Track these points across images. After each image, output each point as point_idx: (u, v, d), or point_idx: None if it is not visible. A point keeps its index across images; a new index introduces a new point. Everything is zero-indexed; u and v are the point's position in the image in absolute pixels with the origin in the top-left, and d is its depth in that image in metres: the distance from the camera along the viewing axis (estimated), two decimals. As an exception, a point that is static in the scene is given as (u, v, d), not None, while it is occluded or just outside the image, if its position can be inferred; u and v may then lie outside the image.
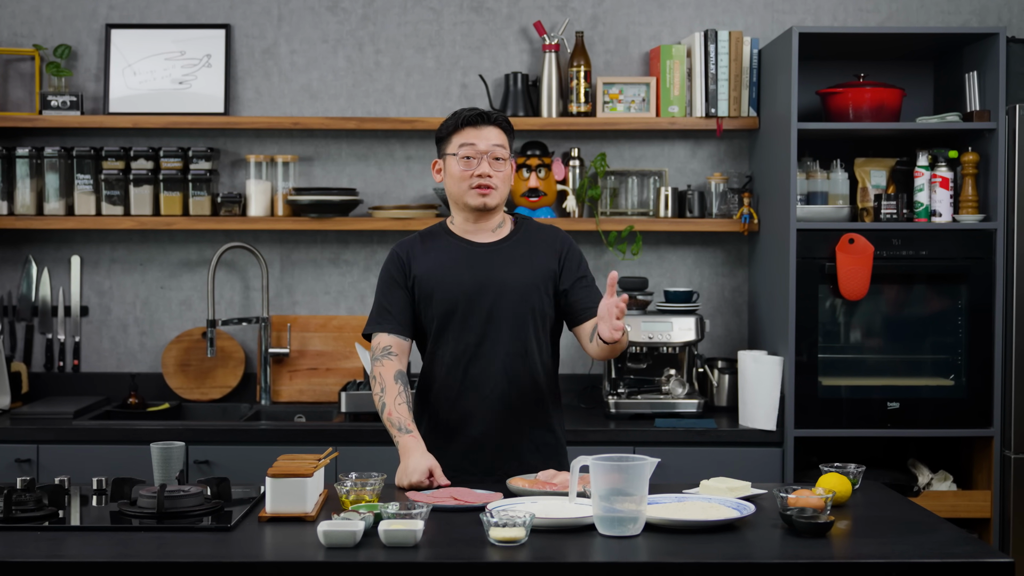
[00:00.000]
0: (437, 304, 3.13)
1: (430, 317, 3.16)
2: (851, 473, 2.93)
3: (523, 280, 3.14)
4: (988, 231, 4.05)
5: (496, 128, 3.14)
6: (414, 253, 3.20)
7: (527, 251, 3.18)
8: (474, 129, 3.12)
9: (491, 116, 3.15)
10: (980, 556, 2.43)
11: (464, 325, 3.12)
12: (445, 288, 3.12)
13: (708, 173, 4.58)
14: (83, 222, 4.43)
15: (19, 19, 4.55)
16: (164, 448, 2.92)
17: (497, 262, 3.15)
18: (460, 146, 3.11)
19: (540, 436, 3.20)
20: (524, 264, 3.16)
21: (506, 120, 3.18)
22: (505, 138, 3.16)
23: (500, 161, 3.12)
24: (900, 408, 4.06)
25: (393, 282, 3.19)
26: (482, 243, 3.18)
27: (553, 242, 3.21)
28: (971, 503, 4.07)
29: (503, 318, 3.12)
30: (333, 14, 4.57)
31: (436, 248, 3.19)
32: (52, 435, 3.97)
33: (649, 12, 4.58)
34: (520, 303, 3.13)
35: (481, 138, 3.11)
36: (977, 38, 4.13)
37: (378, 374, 3.12)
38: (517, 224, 3.25)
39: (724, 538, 2.52)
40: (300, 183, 4.55)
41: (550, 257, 3.18)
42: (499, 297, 3.11)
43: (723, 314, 4.62)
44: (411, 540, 2.43)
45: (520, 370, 3.14)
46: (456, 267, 3.14)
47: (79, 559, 2.40)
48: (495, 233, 3.20)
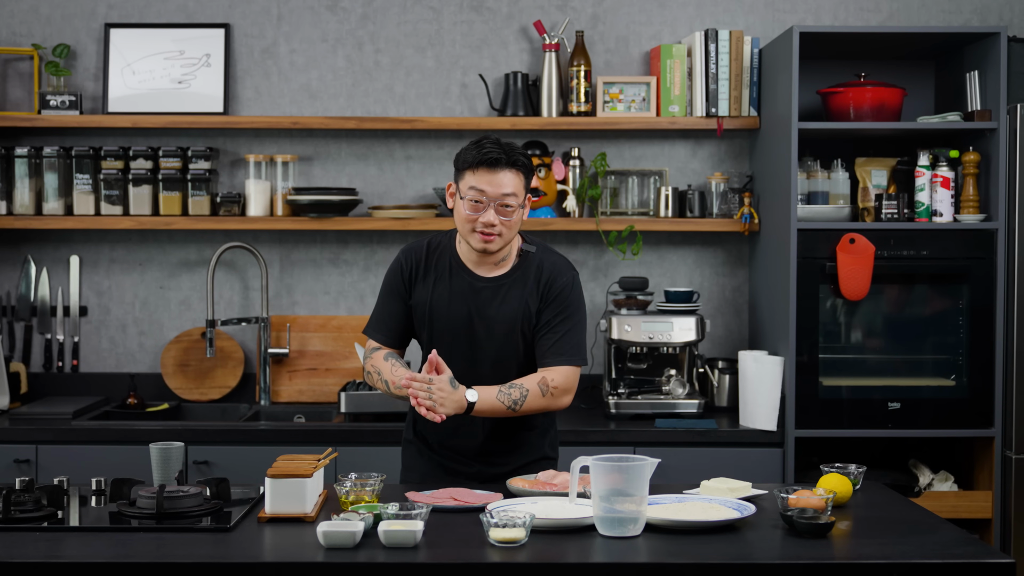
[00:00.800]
0: (430, 333, 3.15)
1: (425, 340, 3.18)
2: (852, 474, 2.93)
3: (509, 322, 3.11)
4: (989, 231, 4.04)
5: (512, 172, 3.00)
6: (418, 272, 3.16)
7: (520, 290, 3.13)
8: (489, 173, 2.99)
9: (511, 158, 3.00)
10: (981, 557, 2.43)
11: (455, 356, 3.10)
12: (441, 320, 3.13)
13: (708, 173, 4.57)
14: (82, 222, 4.42)
15: (18, 18, 4.54)
16: (163, 448, 2.91)
17: (493, 300, 3.12)
18: (470, 188, 3.00)
19: (533, 460, 3.22)
20: (513, 305, 3.11)
21: (525, 162, 3.04)
22: (520, 183, 3.02)
23: (509, 208, 3.01)
24: (901, 408, 4.05)
25: (395, 293, 3.19)
26: (483, 277, 3.14)
27: (546, 280, 3.12)
28: (972, 504, 4.06)
29: (488, 355, 3.13)
30: (333, 13, 4.57)
31: (439, 275, 3.15)
32: (51, 435, 3.96)
33: (649, 11, 4.58)
34: (504, 343, 3.12)
35: (493, 184, 2.99)
36: (978, 37, 4.12)
37: (370, 366, 3.17)
38: (523, 258, 3.16)
39: (725, 539, 2.52)
40: (299, 183, 4.54)
41: (535, 296, 3.11)
42: (487, 335, 3.12)
43: (724, 314, 4.61)
44: (411, 541, 2.43)
45: None
46: (454, 301, 3.12)
47: (78, 560, 2.40)
48: (498, 267, 3.14)
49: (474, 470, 3.18)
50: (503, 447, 3.19)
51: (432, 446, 3.23)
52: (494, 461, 3.18)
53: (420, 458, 3.25)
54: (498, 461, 3.18)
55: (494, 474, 3.14)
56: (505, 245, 3.07)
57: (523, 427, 3.20)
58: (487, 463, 3.18)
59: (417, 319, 3.17)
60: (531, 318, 3.11)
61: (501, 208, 3.00)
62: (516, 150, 3.03)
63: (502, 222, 3.01)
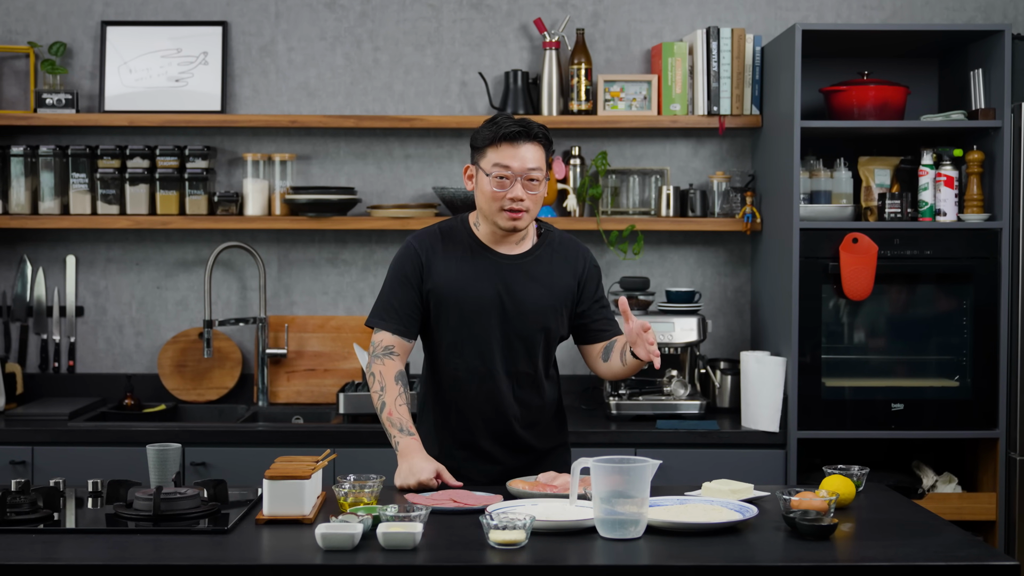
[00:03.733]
0: (454, 316, 3.08)
1: (444, 326, 3.11)
2: (855, 475, 2.92)
3: (542, 301, 3.10)
4: (993, 230, 4.03)
5: (534, 145, 3.01)
6: (434, 255, 3.11)
7: (548, 269, 3.13)
8: (511, 147, 2.99)
9: (531, 132, 3.01)
10: (985, 559, 2.42)
11: (480, 340, 3.08)
12: (464, 301, 3.07)
13: (710, 172, 4.55)
14: (78, 221, 4.40)
15: (14, 16, 4.52)
16: (160, 450, 2.90)
17: (519, 278, 3.09)
18: (494, 165, 2.99)
19: (550, 448, 3.21)
20: (545, 283, 3.11)
21: (545, 134, 3.05)
22: (543, 156, 3.03)
23: (534, 182, 3.01)
24: (904, 409, 4.03)
25: (406, 280, 3.11)
26: (506, 255, 3.11)
27: (575, 260, 3.16)
28: (976, 505, 4.05)
29: (518, 336, 3.10)
30: (331, 11, 4.54)
31: (457, 255, 3.11)
32: (47, 437, 3.95)
33: (651, 9, 4.56)
34: (536, 323, 3.10)
35: (517, 158, 2.99)
36: (982, 35, 4.10)
37: (378, 372, 3.08)
38: (541, 236, 3.17)
39: (726, 541, 2.51)
40: (298, 182, 4.52)
41: (570, 277, 3.14)
42: (517, 315, 3.08)
43: (725, 314, 4.59)
44: (410, 543, 2.42)
45: (529, 387, 3.14)
46: (478, 280, 3.08)
47: (74, 562, 2.40)
48: (519, 245, 3.13)
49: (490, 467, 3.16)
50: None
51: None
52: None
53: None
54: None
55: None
56: (531, 221, 3.08)
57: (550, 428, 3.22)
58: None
59: (436, 305, 3.09)
60: (569, 296, 3.13)
61: (527, 183, 3.00)
62: (534, 124, 3.04)
63: (529, 196, 3.01)
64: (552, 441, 3.23)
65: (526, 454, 3.17)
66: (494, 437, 3.15)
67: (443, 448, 3.15)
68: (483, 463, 3.15)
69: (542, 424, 3.20)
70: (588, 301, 3.16)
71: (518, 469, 3.12)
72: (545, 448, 3.21)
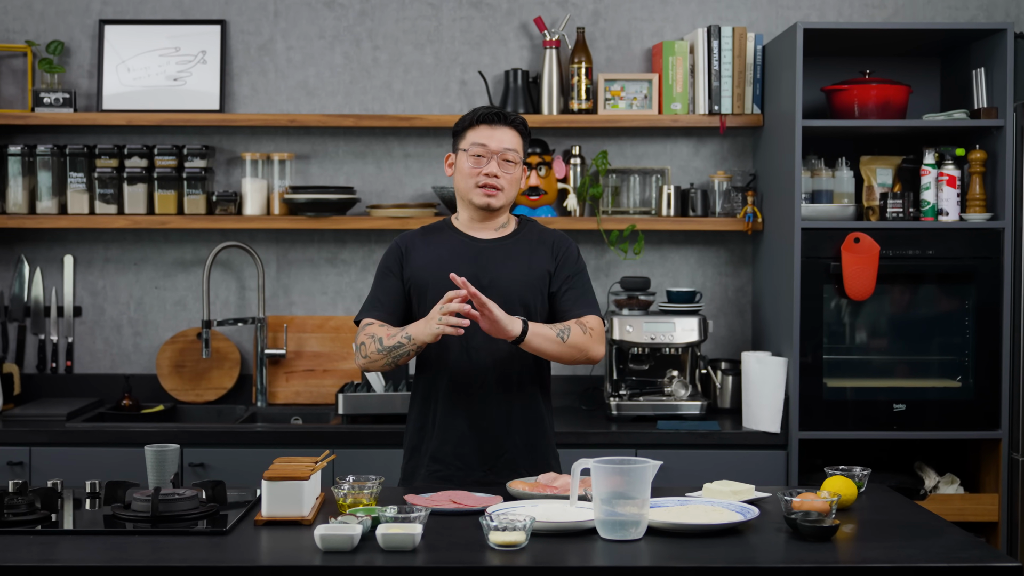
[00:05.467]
0: (432, 296, 3.11)
1: (425, 309, 3.13)
2: (856, 476, 2.92)
3: (518, 278, 3.17)
4: (996, 230, 4.01)
5: (511, 130, 3.18)
6: (414, 245, 3.24)
7: (526, 249, 3.22)
8: (488, 128, 3.16)
9: (508, 117, 3.18)
10: (988, 560, 2.42)
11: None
12: (441, 280, 3.09)
13: (711, 171, 4.54)
14: (76, 221, 4.39)
15: (11, 15, 4.51)
16: (158, 451, 2.89)
17: (496, 258, 3.18)
18: (472, 143, 3.15)
19: (529, 432, 3.19)
20: (521, 262, 3.19)
21: (523, 123, 3.21)
22: (519, 141, 3.19)
23: (510, 163, 3.15)
24: (906, 410, 4.03)
25: (388, 272, 3.23)
26: (484, 239, 3.21)
27: (552, 243, 3.25)
28: (978, 506, 4.04)
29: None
30: (330, 9, 4.53)
31: (437, 242, 3.23)
32: (45, 437, 3.94)
33: (651, 8, 4.55)
34: (513, 300, 3.12)
35: (494, 138, 3.14)
36: (984, 34, 4.09)
37: (362, 344, 3.12)
38: (521, 224, 3.29)
39: (727, 542, 2.51)
40: (296, 181, 4.51)
41: (547, 257, 3.22)
42: (492, 292, 3.08)
43: (726, 314, 4.58)
44: (409, 544, 2.42)
45: (510, 365, 3.15)
46: (453, 260, 3.15)
47: (72, 563, 2.40)
48: (498, 231, 3.24)
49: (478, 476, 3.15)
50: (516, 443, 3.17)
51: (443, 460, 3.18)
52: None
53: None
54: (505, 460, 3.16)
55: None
56: (507, 204, 3.19)
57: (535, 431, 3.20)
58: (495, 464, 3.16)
59: (416, 289, 3.18)
60: (546, 277, 3.19)
61: (503, 163, 3.14)
62: (513, 113, 3.21)
63: (504, 176, 3.13)
64: (529, 419, 3.20)
65: (504, 427, 3.17)
66: (473, 412, 3.15)
67: (432, 425, 3.18)
68: (469, 431, 3.15)
69: (521, 396, 3.17)
70: (559, 281, 3.20)
71: (499, 430, 3.13)
72: (522, 404, 3.19)
